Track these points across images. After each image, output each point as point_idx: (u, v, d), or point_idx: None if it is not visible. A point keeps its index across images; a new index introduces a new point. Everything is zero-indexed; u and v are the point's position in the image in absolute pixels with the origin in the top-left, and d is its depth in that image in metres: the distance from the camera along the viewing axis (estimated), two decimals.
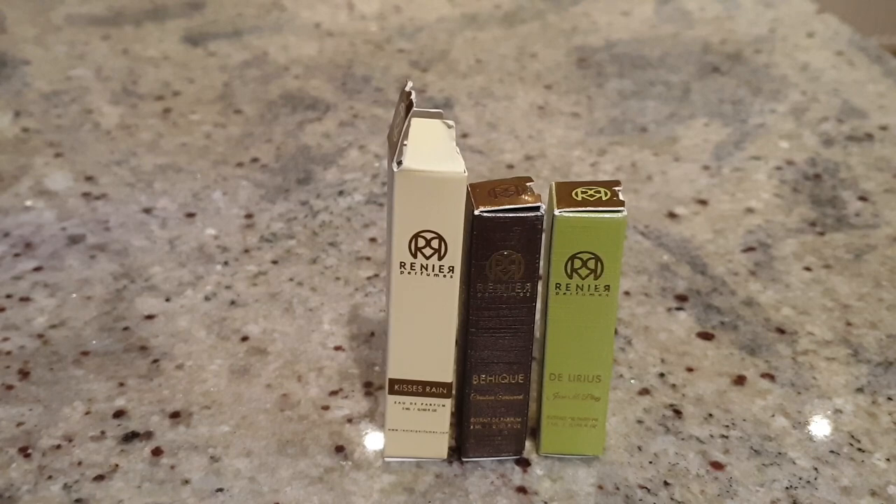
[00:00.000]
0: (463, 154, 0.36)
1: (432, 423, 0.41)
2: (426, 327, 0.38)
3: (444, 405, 0.40)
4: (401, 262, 0.37)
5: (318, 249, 0.56)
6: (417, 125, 0.37)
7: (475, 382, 0.40)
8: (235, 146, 0.67)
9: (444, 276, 0.37)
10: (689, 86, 0.77)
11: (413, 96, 0.36)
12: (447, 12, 0.91)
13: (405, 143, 0.36)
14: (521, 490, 0.40)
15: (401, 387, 0.40)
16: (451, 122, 0.37)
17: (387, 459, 0.41)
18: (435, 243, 0.36)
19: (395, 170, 0.35)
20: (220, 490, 0.40)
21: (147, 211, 0.60)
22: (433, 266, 0.37)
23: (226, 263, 0.55)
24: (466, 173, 0.35)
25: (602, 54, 0.82)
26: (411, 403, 0.40)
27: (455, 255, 0.37)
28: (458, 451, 0.42)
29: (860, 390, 0.46)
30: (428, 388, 0.40)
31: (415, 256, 0.37)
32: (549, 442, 0.41)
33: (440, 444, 0.41)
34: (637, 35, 0.87)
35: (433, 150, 0.36)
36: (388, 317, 0.38)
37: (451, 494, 0.40)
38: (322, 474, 0.41)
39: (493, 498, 0.40)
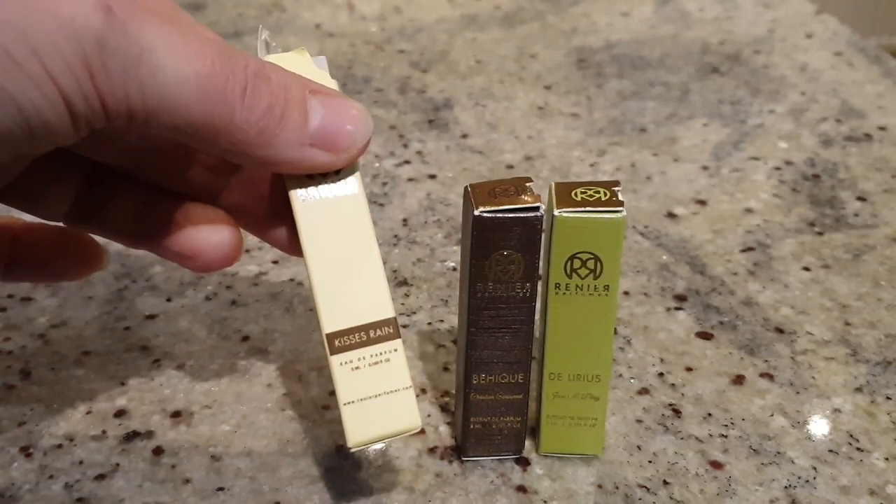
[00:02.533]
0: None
1: (390, 379, 0.35)
2: (345, 259, 0.34)
3: (395, 349, 0.35)
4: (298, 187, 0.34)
5: None
6: (280, 61, 0.35)
7: (475, 382, 0.40)
8: None
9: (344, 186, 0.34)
10: (689, 86, 0.77)
11: (267, 36, 0.34)
12: (447, 13, 0.91)
13: None
14: (521, 489, 0.40)
15: (342, 340, 0.34)
16: (315, 54, 0.35)
17: (353, 450, 0.35)
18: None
19: None
20: (221, 489, 0.40)
21: None
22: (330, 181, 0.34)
23: None
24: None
25: (602, 55, 0.83)
26: (359, 359, 0.34)
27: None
28: (457, 451, 0.42)
29: (859, 390, 0.46)
30: (372, 333, 0.35)
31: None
32: (549, 441, 0.41)
33: (408, 407, 0.35)
34: (636, 35, 0.87)
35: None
36: (304, 261, 0.34)
37: (451, 494, 0.40)
38: (322, 474, 0.41)
39: (493, 497, 0.40)
